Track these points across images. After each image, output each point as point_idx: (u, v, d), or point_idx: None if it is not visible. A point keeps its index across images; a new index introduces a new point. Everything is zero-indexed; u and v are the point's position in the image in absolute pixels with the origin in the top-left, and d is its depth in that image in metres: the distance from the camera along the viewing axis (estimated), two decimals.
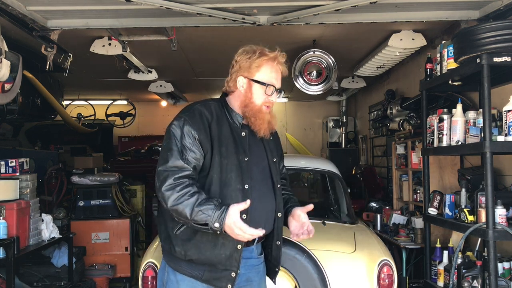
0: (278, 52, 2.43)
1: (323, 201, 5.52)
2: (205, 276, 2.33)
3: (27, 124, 9.52)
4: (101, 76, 7.94)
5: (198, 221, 2.16)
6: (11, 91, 4.37)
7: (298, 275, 2.97)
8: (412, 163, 5.35)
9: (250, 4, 4.03)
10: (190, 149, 2.28)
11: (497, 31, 3.13)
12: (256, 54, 2.40)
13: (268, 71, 2.40)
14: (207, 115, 2.36)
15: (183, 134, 2.29)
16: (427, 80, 4.12)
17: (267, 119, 2.41)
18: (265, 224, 2.40)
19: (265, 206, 2.42)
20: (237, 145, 2.37)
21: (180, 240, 2.33)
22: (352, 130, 10.17)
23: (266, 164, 2.48)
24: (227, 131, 2.37)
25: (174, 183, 2.21)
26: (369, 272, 3.36)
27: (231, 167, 2.32)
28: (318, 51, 5.87)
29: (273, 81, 2.41)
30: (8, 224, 4.00)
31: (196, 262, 2.32)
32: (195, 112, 2.37)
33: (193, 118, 2.34)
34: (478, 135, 3.36)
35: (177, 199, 2.18)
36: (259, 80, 2.40)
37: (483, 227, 3.18)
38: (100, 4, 3.98)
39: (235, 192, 2.31)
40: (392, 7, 4.17)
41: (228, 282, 2.31)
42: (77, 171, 6.33)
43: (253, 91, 2.40)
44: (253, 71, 2.40)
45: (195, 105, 2.42)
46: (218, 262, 2.30)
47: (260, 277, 2.53)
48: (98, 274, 5.57)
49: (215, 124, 2.36)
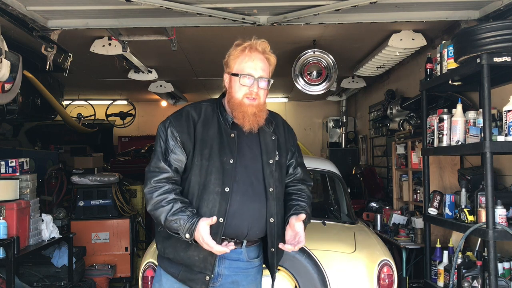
0: (254, 39, 2.34)
1: (323, 201, 5.52)
2: (180, 276, 2.33)
3: (27, 124, 9.52)
4: (101, 76, 7.94)
5: (171, 229, 2.20)
6: (11, 91, 4.37)
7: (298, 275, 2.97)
8: (412, 163, 5.35)
9: (250, 4, 4.03)
10: (172, 150, 2.28)
11: (497, 31, 3.13)
12: (233, 47, 2.35)
13: (242, 61, 2.31)
14: (194, 116, 2.34)
15: (167, 136, 2.30)
16: (427, 80, 4.11)
17: (251, 111, 2.29)
18: (250, 229, 2.31)
19: (250, 210, 2.30)
20: (223, 146, 2.29)
21: (161, 237, 2.37)
22: (352, 130, 10.17)
23: (259, 167, 2.36)
24: (214, 132, 2.31)
25: (154, 187, 2.24)
26: (369, 272, 3.36)
27: (211, 169, 2.26)
28: (318, 51, 5.87)
29: (247, 70, 2.29)
30: (8, 224, 4.00)
31: (173, 261, 2.34)
32: (182, 113, 2.36)
33: (178, 119, 2.33)
34: (478, 135, 3.36)
35: (154, 204, 2.22)
36: (235, 72, 2.33)
37: (483, 227, 3.18)
38: (100, 4, 3.98)
39: (212, 195, 2.24)
40: (392, 7, 4.17)
41: (202, 285, 2.28)
42: (77, 171, 6.33)
43: (232, 84, 2.34)
44: (232, 64, 2.35)
45: (186, 106, 2.41)
46: (192, 263, 2.28)
47: (249, 281, 2.42)
48: (98, 274, 5.57)
49: (201, 125, 2.32)
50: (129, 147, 10.19)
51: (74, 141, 10.15)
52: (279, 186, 2.41)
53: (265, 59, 2.35)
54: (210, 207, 2.24)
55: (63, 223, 5.28)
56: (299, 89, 6.08)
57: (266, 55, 2.35)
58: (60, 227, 4.98)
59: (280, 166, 2.44)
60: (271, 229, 2.35)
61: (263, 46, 2.34)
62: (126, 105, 10.35)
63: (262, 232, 2.37)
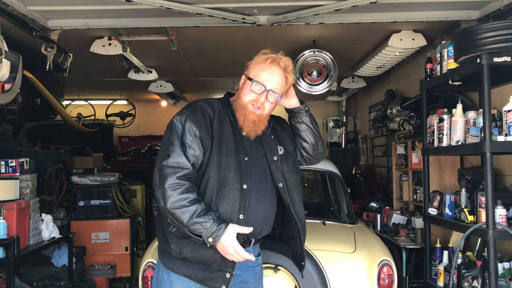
0: (281, 55, 2.38)
1: (323, 201, 5.52)
2: (199, 276, 2.29)
3: (27, 124, 9.53)
4: (101, 76, 7.94)
5: (193, 231, 2.16)
6: (11, 91, 4.37)
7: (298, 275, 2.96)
8: (412, 163, 5.35)
9: (250, 4, 4.03)
10: (190, 146, 2.25)
11: (497, 31, 3.13)
12: (259, 54, 2.39)
13: (261, 69, 2.35)
14: (209, 112, 2.33)
15: (184, 130, 2.26)
16: (427, 80, 4.11)
17: (251, 118, 2.33)
18: (262, 226, 2.37)
19: (263, 208, 2.37)
20: (237, 144, 2.33)
21: (176, 238, 2.29)
22: (352, 130, 10.17)
23: (266, 165, 2.42)
24: (228, 129, 2.34)
25: (176, 183, 2.17)
26: (369, 272, 3.36)
27: (230, 166, 2.28)
28: (318, 51, 5.86)
29: (262, 78, 2.33)
30: (8, 224, 4.00)
31: (190, 261, 2.28)
32: (198, 108, 2.33)
33: (195, 114, 2.30)
34: (478, 135, 3.36)
35: (176, 202, 2.15)
36: (251, 76, 2.37)
37: (483, 227, 3.18)
38: (100, 4, 3.98)
39: (233, 191, 2.27)
40: (392, 7, 4.17)
41: (223, 283, 2.28)
42: (77, 171, 6.33)
43: (244, 87, 2.38)
44: (251, 68, 2.38)
45: (198, 102, 2.40)
46: (213, 261, 2.26)
47: (257, 279, 2.49)
48: (98, 274, 5.57)
49: (217, 121, 2.32)
50: (129, 147, 10.19)
51: (74, 141, 10.15)
52: (291, 176, 2.45)
53: (283, 75, 2.39)
54: (231, 203, 2.25)
55: (63, 223, 5.28)
56: (302, 91, 6.07)
57: (286, 73, 2.40)
58: (60, 227, 4.98)
59: (287, 155, 2.48)
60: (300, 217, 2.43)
61: (286, 63, 2.38)
62: (126, 105, 10.35)
63: (270, 228, 2.44)
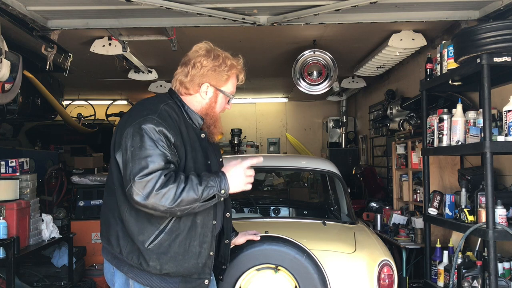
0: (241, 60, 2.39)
1: (323, 201, 5.52)
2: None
3: (27, 124, 9.54)
4: (101, 76, 7.94)
5: (206, 198, 2.09)
6: (11, 91, 4.37)
7: (298, 275, 2.96)
8: (412, 163, 5.35)
9: (250, 4, 4.03)
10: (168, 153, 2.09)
11: (497, 31, 3.14)
12: (227, 66, 2.31)
13: (233, 83, 2.38)
14: (175, 117, 2.20)
15: (158, 138, 2.08)
16: (427, 80, 4.11)
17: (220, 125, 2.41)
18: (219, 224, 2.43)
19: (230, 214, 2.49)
20: (203, 148, 2.29)
21: (155, 254, 2.14)
22: (352, 130, 10.17)
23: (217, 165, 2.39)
24: (192, 133, 2.25)
25: (164, 180, 2.03)
26: (369, 272, 3.35)
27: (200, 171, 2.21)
28: (318, 51, 5.86)
29: (232, 89, 2.39)
30: (8, 224, 4.01)
31: (171, 276, 2.19)
32: (163, 112, 2.17)
33: (165, 119, 2.14)
34: (478, 135, 3.36)
35: (175, 190, 2.02)
36: (225, 91, 2.35)
37: (483, 227, 3.18)
38: (100, 4, 3.98)
39: None
40: (392, 7, 4.17)
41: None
42: (77, 171, 6.34)
43: (218, 100, 2.35)
44: (222, 82, 2.33)
45: (159, 104, 2.22)
46: (195, 271, 2.23)
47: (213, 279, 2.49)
48: (98, 274, 5.56)
49: (183, 126, 2.22)
50: None
51: (74, 141, 10.15)
52: None
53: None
54: (208, 211, 2.24)
55: (63, 223, 5.29)
56: (302, 90, 6.07)
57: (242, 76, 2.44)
58: (60, 227, 4.98)
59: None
60: (227, 222, 2.48)
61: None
62: (126, 105, 10.35)
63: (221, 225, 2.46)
